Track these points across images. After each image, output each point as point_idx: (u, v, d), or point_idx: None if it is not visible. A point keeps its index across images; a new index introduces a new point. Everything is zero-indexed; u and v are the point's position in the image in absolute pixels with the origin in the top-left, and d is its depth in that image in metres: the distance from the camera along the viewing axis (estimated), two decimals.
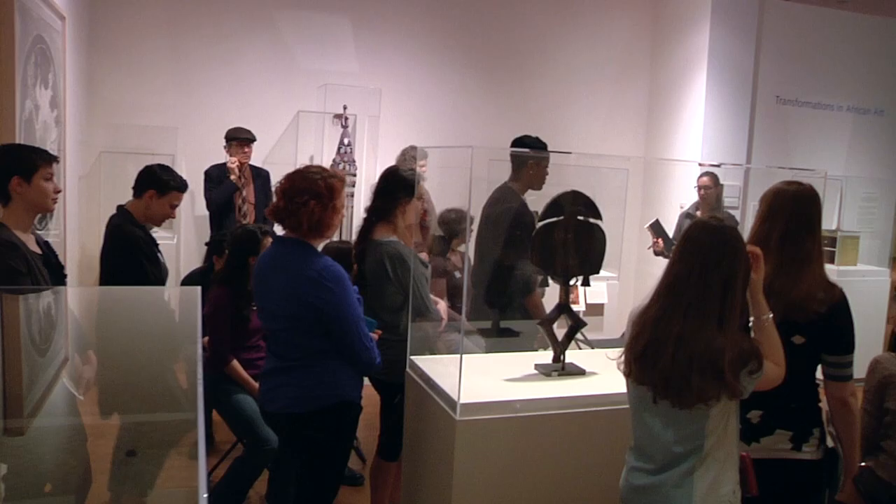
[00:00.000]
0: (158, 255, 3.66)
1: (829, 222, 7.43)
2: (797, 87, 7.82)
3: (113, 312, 2.93)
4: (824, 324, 2.45)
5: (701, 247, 2.16)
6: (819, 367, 2.57)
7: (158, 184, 3.58)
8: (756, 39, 7.53)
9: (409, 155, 5.46)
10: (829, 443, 2.60)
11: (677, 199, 6.93)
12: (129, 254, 3.51)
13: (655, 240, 6.19)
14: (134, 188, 3.62)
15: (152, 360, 2.45)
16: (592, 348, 3.95)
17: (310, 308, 2.73)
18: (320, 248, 2.99)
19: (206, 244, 4.60)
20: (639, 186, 7.50)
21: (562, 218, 3.00)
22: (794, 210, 2.55)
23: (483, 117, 7.01)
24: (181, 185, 3.65)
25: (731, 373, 2.06)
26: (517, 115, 6.98)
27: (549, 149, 4.06)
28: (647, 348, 2.15)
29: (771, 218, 2.59)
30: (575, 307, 5.89)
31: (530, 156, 3.81)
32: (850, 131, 8.20)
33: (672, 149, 7.61)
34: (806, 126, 7.89)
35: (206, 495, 1.15)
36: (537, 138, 3.93)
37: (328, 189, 2.81)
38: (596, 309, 5.90)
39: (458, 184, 2.72)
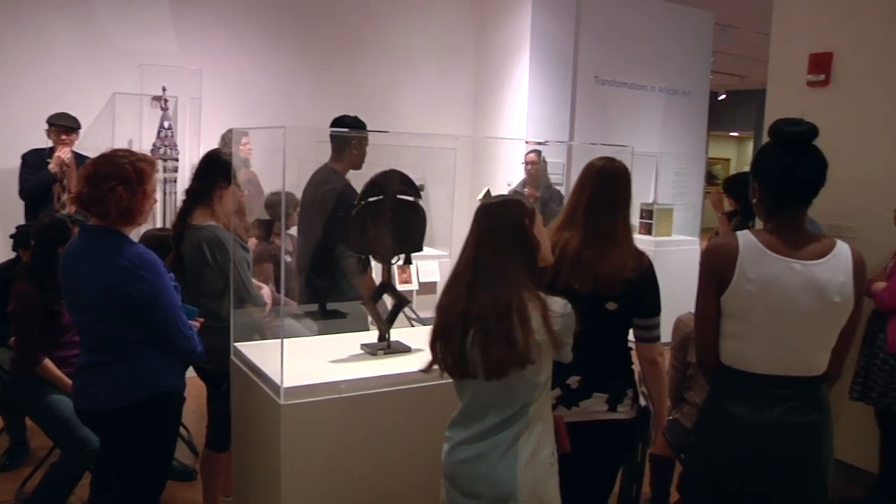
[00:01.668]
0: None
1: (645, 196, 7.89)
2: (614, 68, 8.23)
3: None
4: (634, 290, 2.59)
5: (494, 228, 2.19)
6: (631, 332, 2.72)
7: None
8: (575, 22, 7.85)
9: (230, 138, 5.32)
10: (642, 401, 2.76)
11: (505, 177, 7.13)
12: None
13: None
14: None
15: None
16: (425, 325, 3.99)
17: (123, 298, 2.61)
18: (137, 236, 2.86)
19: (11, 236, 4.29)
20: (468, 165, 7.65)
21: (381, 197, 3.00)
22: (597, 185, 2.66)
23: (311, 99, 6.91)
24: None
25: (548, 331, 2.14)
26: (346, 96, 6.91)
27: (378, 129, 4.05)
28: (463, 346, 2.15)
29: (579, 191, 2.71)
30: (408, 286, 5.99)
31: (349, 135, 3.79)
32: (662, 110, 8.73)
33: (499, 128, 7.81)
34: (623, 105, 8.33)
35: None
36: (356, 118, 3.91)
37: (137, 173, 2.68)
38: (429, 287, 5.99)
39: (286, 166, 2.68)
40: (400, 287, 5.72)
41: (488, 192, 6.33)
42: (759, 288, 2.23)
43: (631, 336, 2.71)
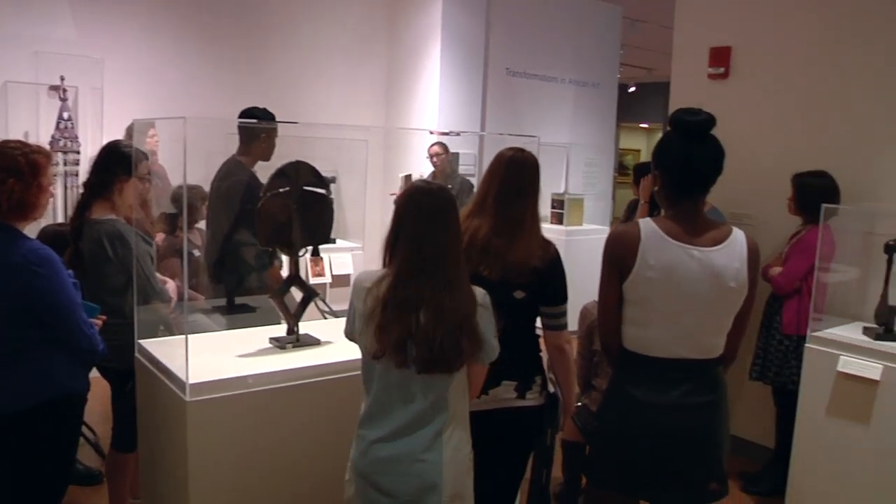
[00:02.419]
0: None
1: (556, 186, 8.01)
2: (525, 60, 8.31)
3: None
4: (541, 279, 2.62)
5: (431, 213, 2.18)
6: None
7: None
8: (486, 14, 7.90)
9: (134, 130, 5.15)
10: (550, 388, 2.81)
11: (417, 168, 7.13)
12: None
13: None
14: None
15: None
16: (338, 318, 3.97)
17: (16, 296, 2.51)
18: (34, 231, 2.74)
19: None
20: (380, 157, 7.61)
21: (288, 189, 2.96)
22: (506, 174, 2.69)
23: (220, 90, 6.72)
24: None
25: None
26: (257, 88, 6.76)
27: (288, 120, 4.00)
28: (405, 331, 2.12)
29: (489, 180, 2.74)
30: (321, 279, 5.93)
31: (256, 126, 3.73)
32: (572, 102, 8.87)
33: (410, 119, 7.81)
34: (534, 97, 8.43)
35: None
36: (264, 109, 3.85)
37: (30, 166, 2.58)
38: (342, 280, 5.94)
39: (192, 159, 2.61)
40: (313, 280, 5.68)
41: (409, 176, 6.32)
42: (660, 274, 2.30)
43: (539, 324, 2.75)
